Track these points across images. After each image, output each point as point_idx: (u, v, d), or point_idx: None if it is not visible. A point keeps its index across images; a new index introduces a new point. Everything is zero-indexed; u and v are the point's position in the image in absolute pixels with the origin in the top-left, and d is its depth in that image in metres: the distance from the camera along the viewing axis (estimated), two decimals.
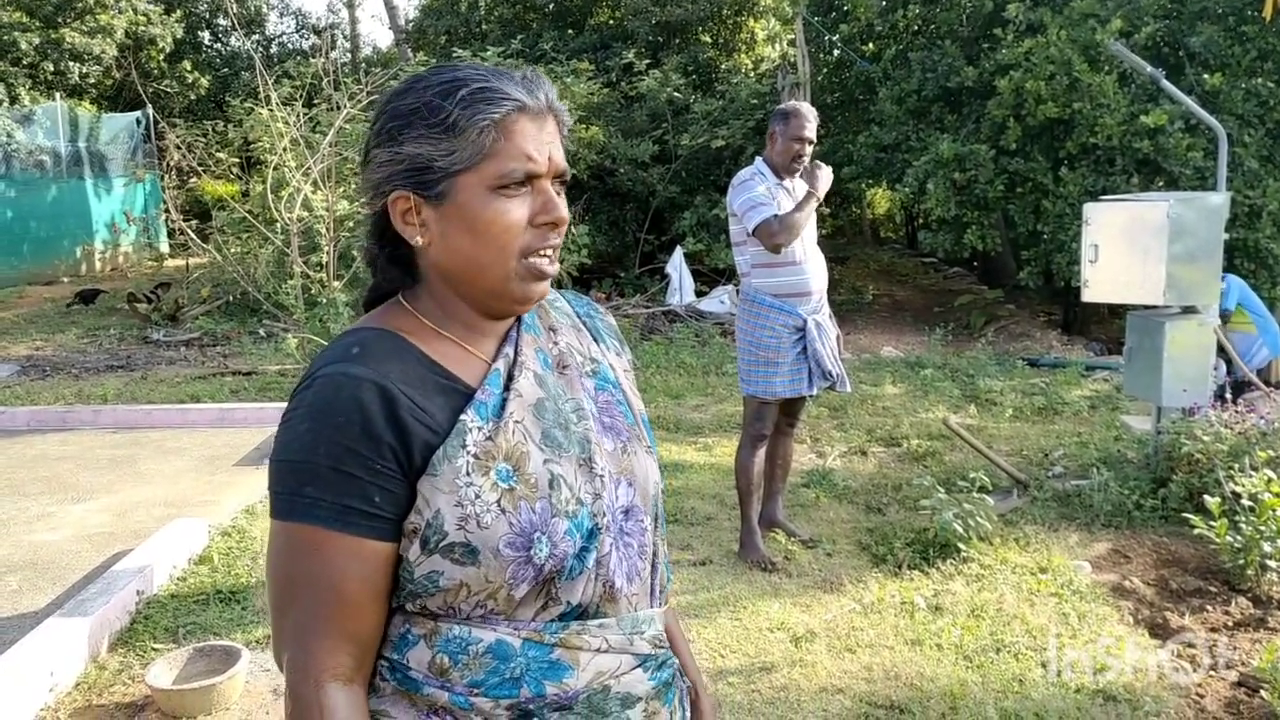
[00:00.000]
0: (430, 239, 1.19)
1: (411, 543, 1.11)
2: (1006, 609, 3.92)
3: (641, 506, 1.26)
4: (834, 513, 5.14)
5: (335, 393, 1.10)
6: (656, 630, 1.26)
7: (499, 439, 1.14)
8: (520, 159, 1.15)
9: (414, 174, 1.17)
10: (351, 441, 1.08)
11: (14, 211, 15.99)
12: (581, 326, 1.37)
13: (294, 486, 1.11)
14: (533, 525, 1.12)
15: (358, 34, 24.94)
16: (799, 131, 4.25)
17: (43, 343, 11.07)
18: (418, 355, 1.17)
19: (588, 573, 1.17)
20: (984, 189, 10.18)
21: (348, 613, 1.11)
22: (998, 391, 7.64)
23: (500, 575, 1.11)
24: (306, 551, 1.11)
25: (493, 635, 1.14)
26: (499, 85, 1.16)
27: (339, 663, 1.11)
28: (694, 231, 11.91)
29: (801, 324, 4.31)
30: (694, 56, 14.72)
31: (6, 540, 4.88)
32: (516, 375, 1.20)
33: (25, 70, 17.91)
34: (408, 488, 1.11)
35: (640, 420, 1.34)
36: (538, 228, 1.18)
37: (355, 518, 1.09)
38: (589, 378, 1.29)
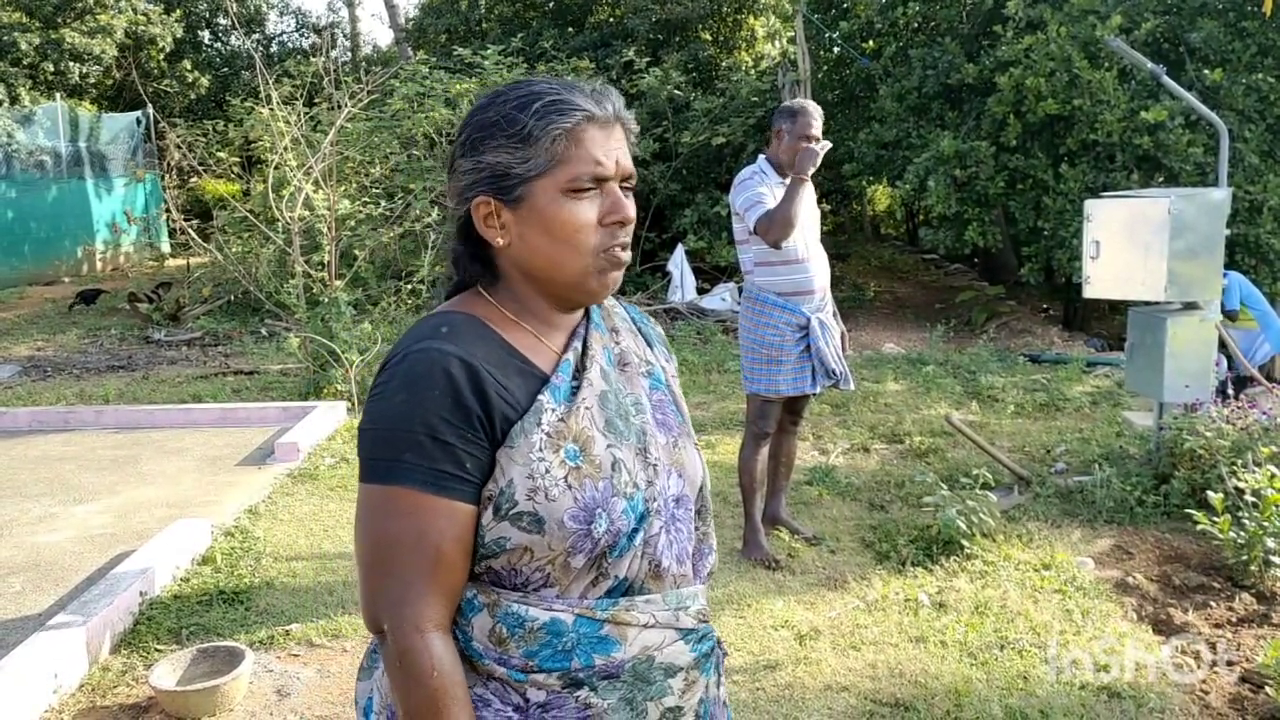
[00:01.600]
0: (510, 239, 1.30)
1: (486, 508, 1.22)
2: (1010, 606, 3.92)
3: (690, 496, 1.39)
4: (837, 510, 5.14)
5: (429, 366, 1.21)
6: (700, 605, 1.38)
7: (570, 421, 1.26)
8: (589, 164, 1.27)
9: (494, 180, 1.28)
10: (446, 412, 1.20)
11: (14, 212, 15.99)
12: (637, 332, 1.49)
13: (392, 453, 1.21)
14: (595, 502, 1.23)
15: (358, 33, 24.94)
16: (807, 129, 4.24)
17: (44, 343, 11.07)
18: (498, 340, 1.29)
19: (634, 550, 1.28)
20: (985, 185, 10.18)
21: (445, 569, 1.22)
22: (999, 388, 7.63)
23: (562, 544, 1.22)
24: (406, 513, 1.21)
25: (548, 614, 1.24)
26: (570, 97, 1.27)
27: (440, 614, 1.22)
28: (695, 229, 11.91)
29: (805, 322, 4.30)
30: (694, 54, 14.70)
31: (9, 542, 4.89)
32: (586, 366, 1.33)
33: (25, 70, 17.91)
34: (490, 456, 1.22)
35: (687, 420, 1.46)
36: (607, 226, 1.29)
37: (450, 482, 1.21)
38: (644, 377, 1.41)
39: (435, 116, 10.78)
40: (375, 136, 10.71)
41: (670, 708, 1.31)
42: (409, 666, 1.20)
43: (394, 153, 10.74)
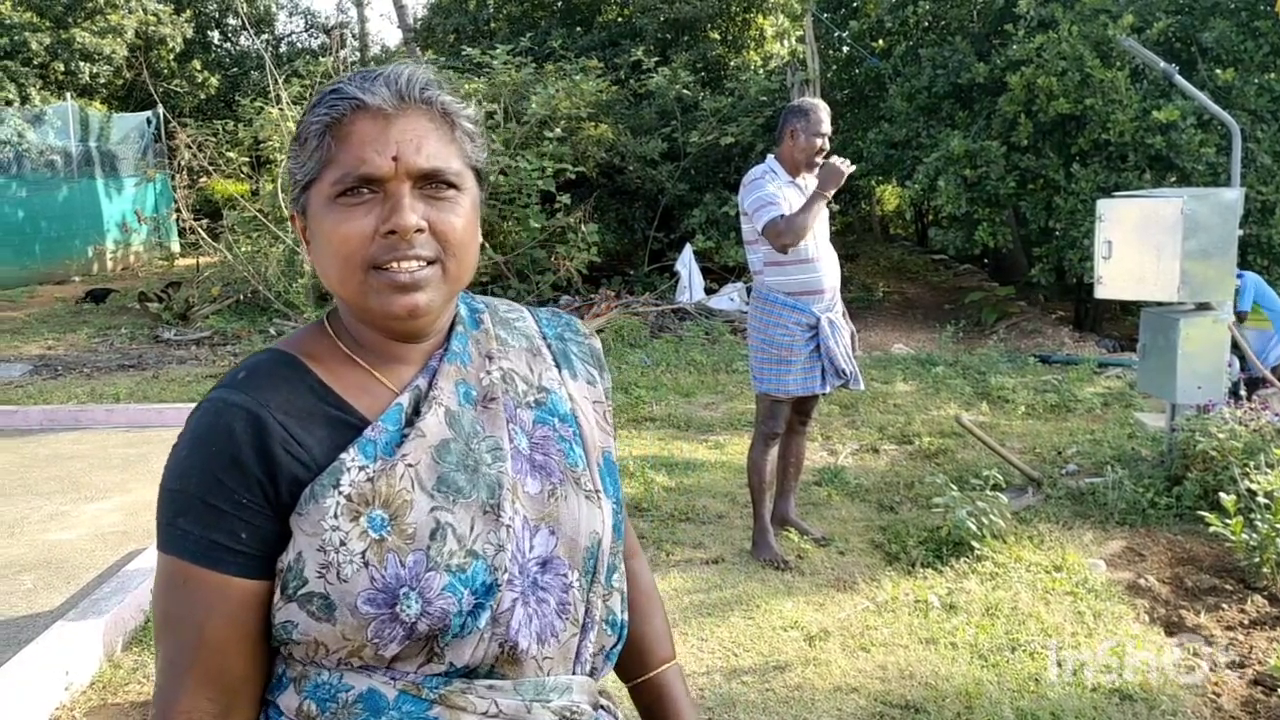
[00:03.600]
0: (312, 256, 1.13)
1: (275, 585, 1.03)
2: (1021, 607, 3.90)
3: (564, 558, 1.12)
4: (846, 511, 5.13)
5: (214, 420, 1.04)
6: (569, 700, 1.10)
7: (381, 481, 1.03)
8: (353, 162, 1.05)
9: (292, 190, 1.13)
10: (220, 472, 1.02)
11: (25, 211, 16.06)
12: (543, 350, 1.25)
13: (169, 516, 1.04)
14: (399, 580, 1.01)
15: (367, 33, 24.97)
16: (819, 128, 4.24)
17: (54, 342, 11.11)
18: (312, 383, 1.09)
19: (478, 632, 1.04)
20: (995, 185, 10.15)
21: (211, 654, 1.03)
22: (1010, 389, 7.60)
23: (360, 634, 1.00)
24: (176, 586, 1.04)
25: (365, 683, 1.03)
26: (343, 87, 1.08)
27: (197, 706, 1.03)
28: (703, 229, 11.89)
29: (814, 322, 4.29)
30: (703, 54, 14.70)
31: (21, 540, 4.90)
32: (424, 411, 1.09)
33: (36, 70, 18.00)
34: (278, 525, 1.03)
35: (594, 460, 1.20)
36: (384, 237, 1.06)
37: (221, 553, 1.02)
38: (528, 409, 1.17)
39: None
40: None
41: None
42: None
43: None
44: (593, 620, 1.15)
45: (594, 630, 1.15)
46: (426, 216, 1.07)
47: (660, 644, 1.35)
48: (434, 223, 1.08)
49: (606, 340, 9.80)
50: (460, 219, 1.10)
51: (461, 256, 1.11)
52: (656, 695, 1.32)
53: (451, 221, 1.09)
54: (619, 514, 1.22)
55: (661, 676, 1.32)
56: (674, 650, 1.37)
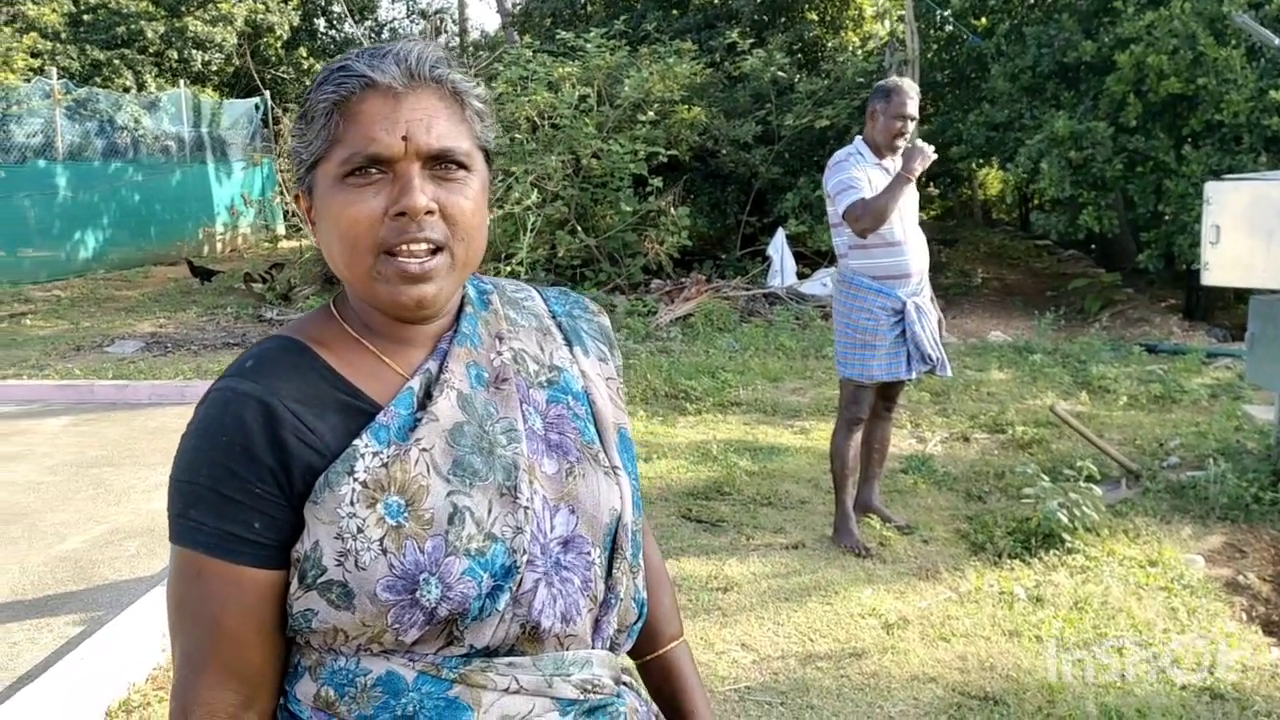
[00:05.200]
0: (318, 237, 1.11)
1: (292, 575, 1.03)
2: (1111, 602, 3.78)
3: (586, 536, 1.11)
4: (932, 499, 5.03)
5: (222, 410, 1.03)
6: (590, 674, 1.10)
7: (395, 467, 1.02)
8: (362, 141, 1.03)
9: (296, 169, 1.11)
10: (233, 463, 1.00)
11: (141, 195, 16.71)
12: (553, 329, 1.24)
13: (181, 508, 1.03)
14: (419, 566, 1.00)
15: (466, 18, 25.30)
16: (900, 109, 4.15)
17: (165, 320, 11.55)
18: (322, 369, 1.07)
19: (498, 615, 1.03)
20: (1101, 168, 9.81)
21: (228, 646, 1.02)
22: (1111, 378, 7.35)
23: (380, 620, 1.00)
24: (190, 578, 1.03)
25: (384, 666, 1.03)
26: (351, 63, 1.05)
27: (218, 698, 1.02)
28: (796, 213, 11.76)
29: (900, 306, 4.21)
30: (800, 35, 14.51)
31: (127, 507, 5.11)
32: (435, 395, 1.08)
33: (151, 58, 18.69)
34: (292, 514, 1.02)
35: (609, 437, 1.19)
36: (394, 219, 1.04)
37: (235, 544, 1.01)
38: (540, 389, 1.16)
39: (537, 100, 10.86)
40: None
41: None
42: None
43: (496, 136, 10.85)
44: (616, 597, 1.15)
45: (617, 606, 1.15)
46: (436, 198, 1.05)
47: (669, 622, 1.34)
48: (443, 205, 1.06)
49: (695, 324, 9.79)
50: (470, 201, 1.09)
51: (470, 241, 1.10)
52: (666, 672, 1.32)
53: (461, 204, 1.07)
54: (637, 490, 1.20)
55: (671, 654, 1.32)
56: (682, 628, 1.36)
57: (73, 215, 15.33)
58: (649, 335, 9.47)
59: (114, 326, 11.21)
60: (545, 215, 10.57)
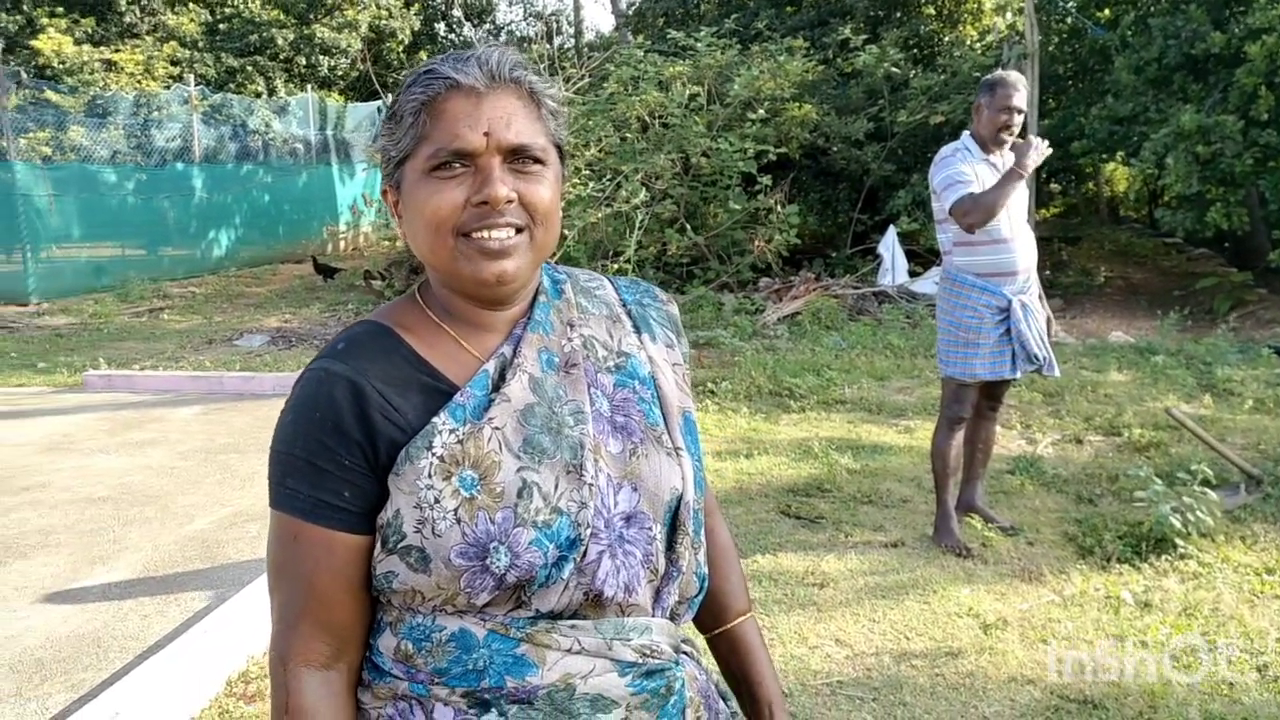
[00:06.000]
0: (404, 229, 1.20)
1: (376, 540, 1.12)
2: (1223, 609, 3.66)
3: (648, 513, 1.18)
4: (1039, 501, 4.93)
5: (316, 388, 1.12)
6: (650, 640, 1.17)
7: (470, 444, 1.11)
8: (447, 138, 1.12)
9: (385, 166, 1.19)
10: (325, 437, 1.10)
11: (270, 195, 17.44)
12: (623, 316, 1.31)
13: (279, 476, 1.13)
14: (489, 535, 1.08)
15: (581, 19, 25.60)
16: (1006, 101, 4.08)
17: (290, 316, 12.05)
18: (406, 352, 1.16)
19: (562, 582, 1.11)
20: (1231, 163, 9.40)
21: (321, 602, 1.12)
22: (1237, 381, 7.06)
23: (453, 583, 1.09)
24: (287, 541, 1.13)
25: (457, 624, 1.11)
26: (438, 67, 1.14)
27: (312, 649, 1.12)
28: (908, 211, 11.58)
29: (1005, 304, 4.14)
30: (915, 29, 14.28)
31: (251, 492, 5.38)
32: (509, 377, 1.16)
33: (281, 64, 19.47)
34: (377, 484, 1.11)
35: (673, 419, 1.25)
36: (476, 207, 1.13)
37: (326, 511, 1.11)
38: (608, 373, 1.24)
39: (648, 99, 10.95)
40: (590, 120, 10.99)
41: None
42: (273, 697, 1.14)
43: (606, 135, 10.98)
44: (678, 570, 1.21)
45: (678, 579, 1.21)
46: (515, 188, 1.13)
47: (737, 598, 1.39)
48: (522, 194, 1.14)
49: (802, 322, 9.75)
50: (547, 191, 1.16)
51: (548, 225, 1.17)
52: (734, 645, 1.38)
53: (540, 194, 1.15)
54: (699, 470, 1.26)
55: (739, 628, 1.38)
56: (749, 604, 1.42)
57: (208, 215, 16.09)
58: (755, 333, 9.47)
59: (243, 321, 11.75)
60: (654, 213, 10.66)
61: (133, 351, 9.87)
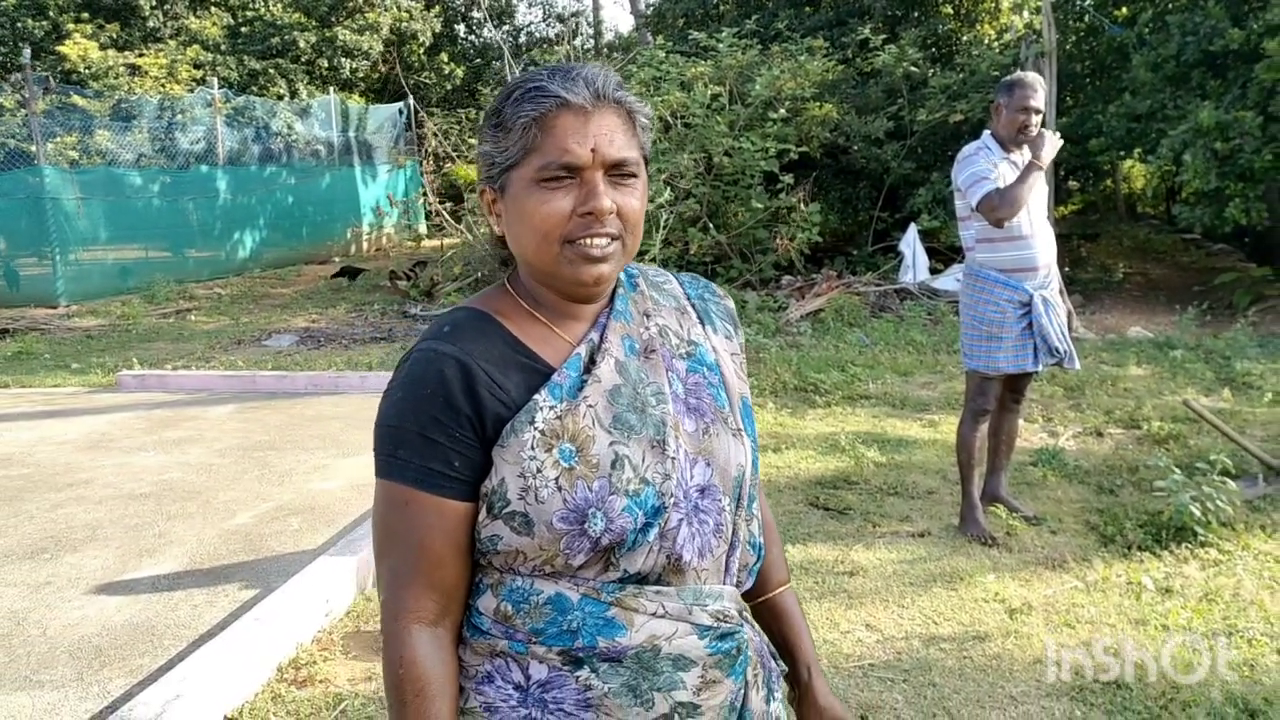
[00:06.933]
0: (503, 228, 1.31)
1: (481, 505, 1.23)
2: (1243, 595, 3.76)
3: (719, 486, 1.31)
4: (1062, 492, 5.04)
5: (425, 367, 1.23)
6: (722, 606, 1.30)
7: (568, 419, 1.22)
8: (557, 152, 1.22)
9: (486, 170, 1.30)
10: (436, 411, 1.21)
11: (294, 197, 17.63)
12: (689, 309, 1.44)
13: (390, 448, 1.24)
14: (588, 502, 1.19)
15: (600, 20, 25.73)
16: (1024, 102, 4.20)
17: (317, 316, 12.22)
18: (504, 336, 1.28)
19: (649, 545, 1.23)
20: (1250, 159, 9.45)
21: (431, 564, 1.23)
22: (1257, 375, 7.14)
23: (554, 545, 1.20)
24: (398, 507, 1.24)
25: (553, 588, 1.23)
26: (546, 84, 1.24)
27: (423, 607, 1.23)
28: (929, 209, 11.67)
29: (1027, 299, 4.25)
30: (933, 29, 14.35)
31: (289, 488, 5.52)
32: (598, 361, 1.28)
33: (303, 67, 19.66)
34: (484, 455, 1.22)
35: (735, 403, 1.38)
36: (581, 217, 1.24)
37: (437, 479, 1.22)
38: (681, 360, 1.36)
39: (670, 99, 11.07)
40: None
41: (682, 703, 1.26)
42: (386, 653, 1.24)
43: None
44: (739, 540, 1.34)
45: (740, 549, 1.35)
46: (614, 200, 1.26)
47: (778, 569, 1.53)
48: (620, 205, 1.26)
49: (825, 320, 9.85)
50: (638, 202, 1.29)
51: (636, 233, 1.30)
52: (775, 612, 1.52)
53: (633, 205, 1.28)
54: (755, 451, 1.40)
55: (780, 597, 1.51)
56: (789, 575, 1.55)
57: (232, 217, 16.30)
58: (779, 330, 9.59)
59: (270, 322, 11.93)
60: (677, 213, 10.78)
61: (163, 352, 10.06)
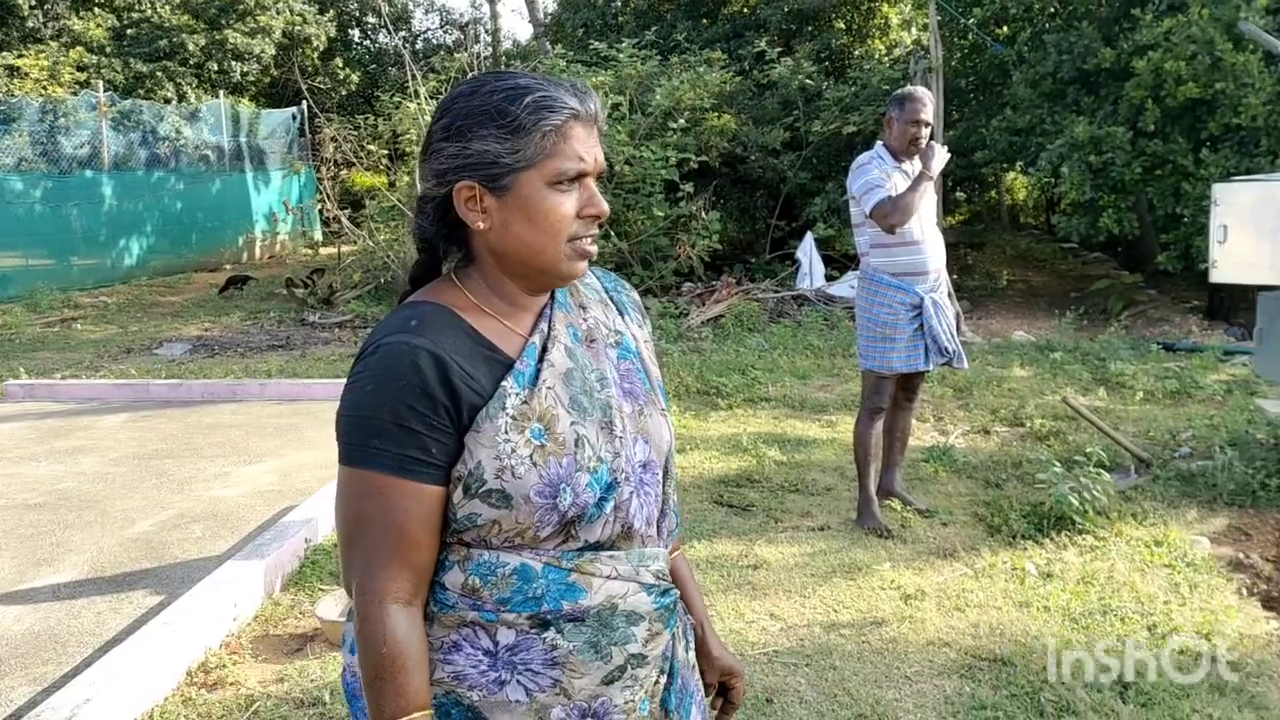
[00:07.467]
0: (491, 224, 1.36)
1: (456, 488, 1.31)
2: (1117, 577, 4.03)
3: (656, 461, 1.46)
4: (952, 486, 5.29)
5: (397, 359, 1.28)
6: (660, 566, 1.45)
7: (533, 403, 1.32)
8: (574, 160, 1.34)
9: (481, 168, 1.34)
10: (412, 400, 1.27)
11: (183, 203, 17.16)
12: (609, 301, 1.55)
13: (362, 438, 1.29)
14: (559, 478, 1.31)
15: (499, 28, 25.69)
16: (915, 115, 4.42)
17: (210, 324, 11.96)
18: (465, 329, 1.35)
19: (605, 518, 1.36)
20: (1121, 172, 10.01)
21: (409, 546, 1.30)
22: (1129, 375, 7.57)
23: (529, 518, 1.31)
24: (373, 494, 1.30)
25: (518, 559, 1.33)
26: (558, 95, 1.34)
27: (400, 587, 1.30)
28: (824, 217, 12.02)
29: (919, 302, 4.47)
30: (827, 43, 14.77)
31: (189, 495, 5.44)
32: (550, 348, 1.38)
33: (192, 70, 19.17)
34: (457, 442, 1.30)
35: (656, 386, 1.52)
36: (583, 218, 1.38)
37: (415, 466, 1.29)
38: (612, 348, 1.48)
39: None
40: None
41: (634, 654, 1.39)
42: (365, 633, 1.30)
43: None
44: (669, 508, 1.51)
45: (669, 516, 1.52)
46: None
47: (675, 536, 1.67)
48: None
49: (725, 325, 10.07)
50: None
51: None
52: (675, 574, 1.61)
53: (607, 209, 1.43)
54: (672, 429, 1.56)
55: (678, 559, 1.63)
56: (681, 541, 1.68)
57: (118, 224, 15.79)
58: (681, 336, 9.76)
59: (161, 330, 11.64)
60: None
61: (49, 361, 9.73)
